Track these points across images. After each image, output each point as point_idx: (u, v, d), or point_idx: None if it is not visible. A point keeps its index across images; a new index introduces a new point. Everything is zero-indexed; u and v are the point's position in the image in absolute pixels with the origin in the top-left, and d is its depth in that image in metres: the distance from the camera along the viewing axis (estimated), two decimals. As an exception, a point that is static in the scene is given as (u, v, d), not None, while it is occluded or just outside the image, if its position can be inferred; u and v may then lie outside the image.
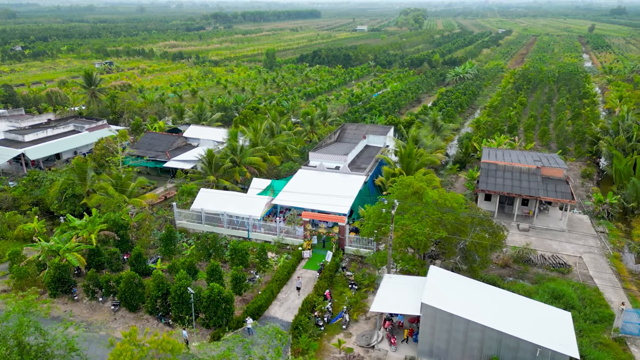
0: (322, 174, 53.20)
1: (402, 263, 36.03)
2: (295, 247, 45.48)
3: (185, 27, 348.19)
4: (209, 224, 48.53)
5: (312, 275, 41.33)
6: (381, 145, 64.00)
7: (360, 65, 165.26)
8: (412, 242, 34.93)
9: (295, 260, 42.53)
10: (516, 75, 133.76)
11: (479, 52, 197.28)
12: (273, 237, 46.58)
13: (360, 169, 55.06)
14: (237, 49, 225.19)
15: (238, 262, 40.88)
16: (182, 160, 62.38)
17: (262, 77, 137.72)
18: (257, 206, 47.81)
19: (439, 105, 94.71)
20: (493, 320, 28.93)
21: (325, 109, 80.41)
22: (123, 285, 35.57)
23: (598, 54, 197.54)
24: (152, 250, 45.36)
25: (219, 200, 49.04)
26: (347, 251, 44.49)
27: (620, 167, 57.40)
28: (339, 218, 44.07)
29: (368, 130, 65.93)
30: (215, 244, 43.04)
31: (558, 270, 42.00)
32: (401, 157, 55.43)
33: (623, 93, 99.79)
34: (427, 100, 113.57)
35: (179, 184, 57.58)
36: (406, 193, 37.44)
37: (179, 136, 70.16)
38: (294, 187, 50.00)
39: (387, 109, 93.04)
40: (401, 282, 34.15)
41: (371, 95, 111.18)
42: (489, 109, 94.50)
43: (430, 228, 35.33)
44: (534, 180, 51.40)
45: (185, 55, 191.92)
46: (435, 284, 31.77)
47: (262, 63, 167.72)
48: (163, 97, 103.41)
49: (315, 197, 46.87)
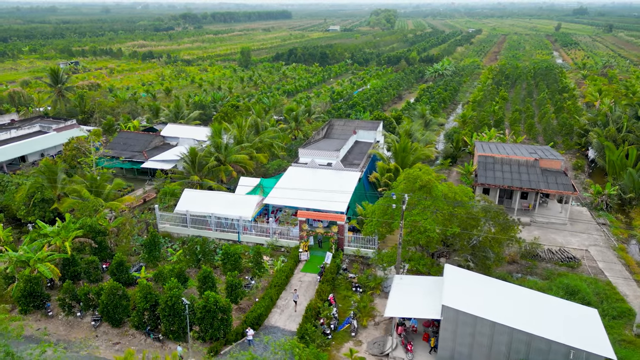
0: (314, 171, 50.30)
1: (412, 263, 33.49)
2: (290, 249, 42.44)
3: (153, 28, 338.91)
4: (195, 227, 44.93)
5: (311, 278, 38.36)
6: (371, 141, 61.56)
7: (337, 63, 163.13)
8: (423, 240, 32.45)
9: (293, 263, 39.47)
10: (494, 72, 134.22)
11: (453, 50, 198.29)
12: (266, 239, 43.37)
13: (353, 165, 52.42)
14: (210, 48, 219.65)
15: (231, 268, 37.56)
16: (162, 160, 58.35)
17: (238, 76, 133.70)
18: (247, 206, 44.49)
19: (422, 101, 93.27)
20: (520, 322, 26.66)
21: (309, 105, 77.51)
22: (105, 297, 31.76)
23: (568, 51, 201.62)
24: (134, 257, 41.45)
25: (205, 201, 45.50)
26: (346, 251, 41.73)
27: (614, 158, 56.69)
28: (338, 216, 41.26)
29: (357, 125, 63.40)
30: (205, 248, 39.54)
31: (567, 264, 40.36)
32: (395, 152, 53.11)
33: (601, 87, 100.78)
34: (407, 96, 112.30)
35: (159, 185, 53.62)
36: (413, 187, 34.93)
37: (156, 135, 65.95)
38: (286, 186, 46.91)
39: (370, 105, 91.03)
40: (414, 284, 31.59)
41: (352, 93, 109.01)
42: (472, 104, 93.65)
43: (441, 224, 32.95)
44: (533, 172, 49.89)
45: (156, 54, 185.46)
46: (453, 284, 29.33)
47: (237, 62, 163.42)
48: (136, 96, 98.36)
49: (310, 195, 43.96)
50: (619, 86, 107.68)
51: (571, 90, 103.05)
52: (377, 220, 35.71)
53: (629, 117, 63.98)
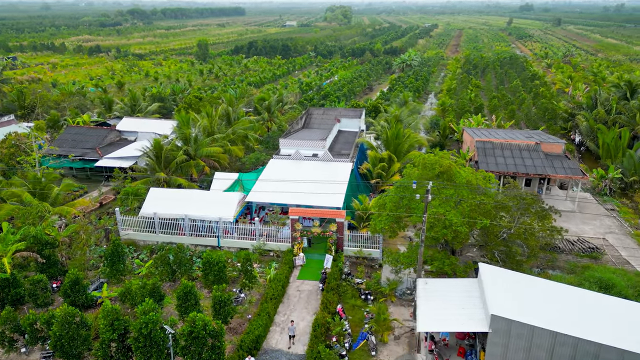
0: (300, 163, 44.48)
1: (435, 263, 28.41)
2: (280, 253, 36.48)
3: (99, 24, 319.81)
4: (166, 232, 38.10)
5: (311, 287, 32.59)
6: (356, 130, 56.35)
7: (300, 56, 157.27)
8: (450, 236, 27.43)
9: (287, 269, 33.54)
10: (461, 62, 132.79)
11: (415, 42, 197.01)
12: (251, 243, 37.18)
13: (341, 156, 46.95)
14: (162, 43, 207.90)
15: (214, 279, 31.19)
16: (119, 157, 50.68)
17: (196, 69, 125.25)
18: (227, 205, 38.09)
19: (397, 90, 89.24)
20: (586, 330, 22.06)
21: (281, 94, 71.37)
22: (57, 327, 24.72)
23: (524, 43, 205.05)
24: (93, 272, 34.19)
25: (176, 201, 38.70)
26: (346, 252, 36.23)
27: (608, 140, 54.20)
28: (337, 213, 35.66)
29: (339, 113, 57.99)
30: (180, 257, 32.88)
31: (590, 255, 36.65)
32: (386, 140, 48.10)
33: (571, 74, 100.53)
34: (377, 87, 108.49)
35: (118, 185, 46.10)
36: (430, 174, 29.87)
37: (111, 130, 57.87)
38: (269, 181, 40.81)
39: (343, 95, 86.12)
40: (443, 289, 26.50)
41: (321, 84, 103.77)
42: (447, 93, 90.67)
43: (467, 216, 28.07)
44: (536, 157, 46.25)
45: (104, 49, 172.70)
46: (496, 288, 24.42)
47: (194, 55, 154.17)
48: (83, 90, 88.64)
49: (300, 189, 38.15)
50: (586, 73, 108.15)
51: (542, 77, 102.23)
52: (388, 215, 30.39)
53: (618, 99, 62.12)
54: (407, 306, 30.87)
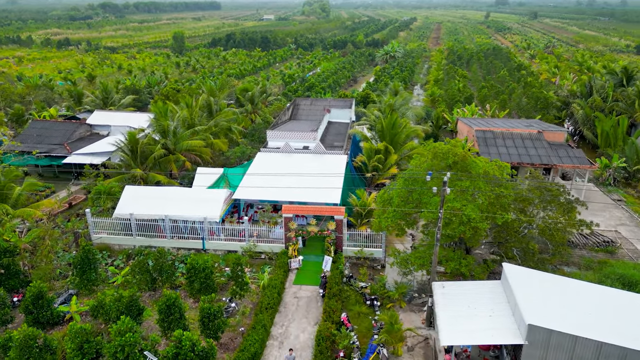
0: (290, 157, 40.99)
1: (451, 264, 25.39)
2: (272, 255, 33.02)
3: (69, 17, 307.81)
4: (144, 234, 34.17)
5: (310, 293, 29.24)
6: (347, 120, 53.08)
7: (280, 48, 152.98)
8: (468, 233, 24.42)
9: (282, 274, 30.08)
10: (444, 53, 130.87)
11: (396, 35, 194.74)
12: (240, 245, 33.58)
13: (334, 148, 43.63)
14: (136, 36, 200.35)
15: (200, 287, 27.59)
16: (90, 153, 46.25)
17: (172, 61, 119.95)
18: (212, 204, 34.36)
19: (384, 81, 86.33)
20: (633, 338, 19.33)
21: (264, 85, 67.54)
22: (15, 352, 20.85)
23: (504, 36, 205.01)
24: (60, 282, 30.10)
25: (154, 199, 34.78)
26: (345, 252, 32.99)
27: (607, 128, 52.30)
28: (335, 210, 32.33)
29: (329, 104, 54.60)
30: (161, 263, 29.08)
31: (605, 249, 34.29)
32: (382, 130, 44.94)
33: (557, 64, 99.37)
34: (362, 79, 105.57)
35: (89, 184, 41.79)
36: (442, 165, 26.80)
37: (80, 124, 53.19)
38: (258, 176, 37.20)
39: (328, 86, 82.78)
40: (463, 294, 23.48)
41: (305, 75, 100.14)
42: (435, 83, 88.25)
43: (485, 210, 25.14)
44: (540, 146, 43.81)
45: (74, 42, 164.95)
46: (526, 292, 21.52)
47: (170, 48, 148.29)
48: (51, 83, 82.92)
49: (292, 185, 34.73)
50: (571, 63, 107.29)
51: (528, 68, 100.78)
52: (395, 211, 27.21)
53: (614, 86, 60.40)
54: (418, 312, 27.85)
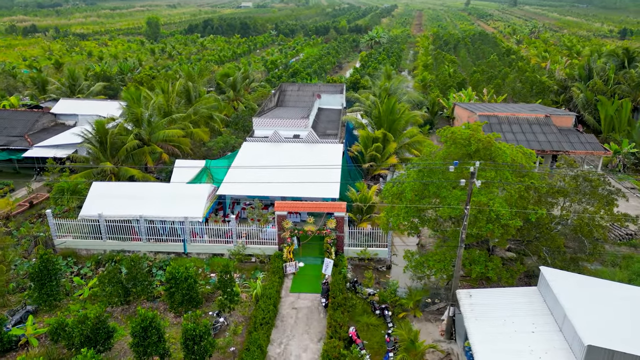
0: (280, 146, 36.90)
1: (477, 267, 21.89)
2: (264, 259, 29.10)
3: (36, 4, 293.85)
4: (115, 237, 29.82)
5: (310, 302, 25.46)
6: (338, 107, 49.15)
7: (260, 34, 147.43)
8: (497, 231, 20.90)
9: (277, 280, 26.19)
10: (430, 39, 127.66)
11: (378, 21, 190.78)
12: (227, 247, 29.55)
13: (327, 136, 39.71)
14: (108, 23, 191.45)
15: (182, 299, 23.54)
16: (54, 146, 41.35)
17: (146, 48, 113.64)
18: (194, 201, 30.15)
19: (371, 66, 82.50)
20: None
21: (247, 70, 62.94)
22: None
23: (486, 22, 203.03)
24: (16, 297, 25.61)
25: (127, 197, 30.38)
26: (346, 253, 29.28)
27: (611, 112, 49.65)
28: (335, 205, 28.51)
29: (319, 89, 50.52)
30: (136, 271, 24.86)
31: (628, 243, 31.41)
32: (378, 116, 41.17)
33: (547, 48, 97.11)
34: (347, 65, 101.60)
35: (53, 180, 37.00)
36: (461, 153, 23.18)
37: (43, 113, 47.95)
38: (245, 169, 33.09)
39: (314, 72, 78.58)
40: (495, 303, 20.02)
41: (288, 62, 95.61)
42: (424, 69, 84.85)
43: (514, 205, 21.68)
44: (549, 132, 40.70)
45: (41, 29, 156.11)
46: (574, 302, 18.16)
47: (144, 35, 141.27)
48: (14, 71, 76.56)
49: (284, 178, 30.79)
50: (559, 48, 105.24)
51: (517, 52, 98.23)
52: (407, 208, 23.52)
53: (615, 68, 57.83)
54: (434, 321, 24.38)
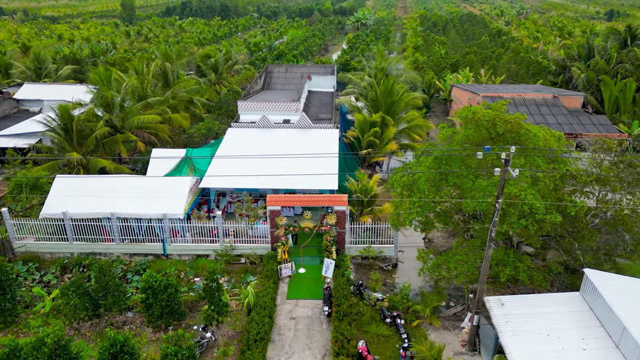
0: (269, 133, 33.29)
1: (506, 269, 18.88)
2: (255, 259, 25.73)
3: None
4: (83, 238, 26.09)
5: (310, 310, 22.23)
6: (330, 89, 45.62)
7: (242, 17, 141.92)
8: (532, 228, 17.88)
9: (272, 286, 22.87)
10: (417, 21, 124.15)
11: (363, 3, 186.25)
12: (213, 248, 26.08)
13: (321, 121, 36.22)
14: (80, 6, 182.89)
15: (162, 312, 20.10)
16: (16, 135, 37.02)
17: (121, 31, 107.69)
18: (174, 195, 26.50)
19: (360, 47, 78.85)
20: None
21: (229, 52, 58.71)
22: None
23: (471, 4, 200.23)
24: (-37, 314, 21.80)
25: (97, 193, 26.56)
26: (348, 252, 26.10)
27: (616, 93, 47.14)
28: (335, 198, 25.19)
29: (309, 69, 46.84)
30: (106, 279, 21.25)
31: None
32: (375, 99, 37.74)
33: (539, 28, 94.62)
34: (333, 48, 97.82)
35: (12, 174, 32.80)
36: (483, 137, 20.04)
37: (4, 98, 43.33)
38: (230, 158, 29.48)
39: (300, 54, 74.61)
40: (533, 314, 17.08)
41: (272, 44, 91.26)
42: (414, 50, 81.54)
43: (548, 196, 18.71)
44: (558, 113, 37.94)
45: (8, 12, 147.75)
46: (632, 311, 15.27)
47: (119, 17, 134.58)
48: (-25, 55, 70.66)
49: (275, 168, 27.34)
50: (549, 28, 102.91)
51: (508, 34, 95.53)
52: (421, 201, 20.33)
53: (618, 46, 55.24)
54: (452, 328, 21.44)
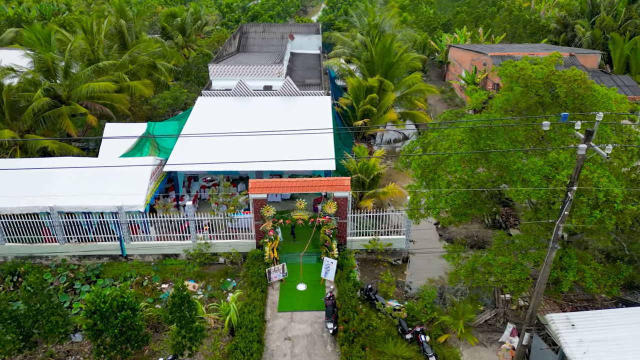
0: (248, 102, 27.83)
1: (570, 274, 14.45)
2: (236, 258, 20.78)
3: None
4: (16, 239, 20.67)
5: (309, 327, 17.58)
6: (316, 51, 40.01)
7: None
8: (610, 222, 13.40)
9: (259, 296, 18.04)
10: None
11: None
12: (183, 245, 21.02)
13: (307, 87, 30.86)
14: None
15: (115, 342, 15.10)
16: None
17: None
18: (132, 182, 21.09)
19: (343, 8, 72.59)
20: None
21: (198, 11, 51.91)
22: None
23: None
24: None
25: (34, 180, 20.95)
26: (350, 245, 21.43)
27: (627, 52, 43.01)
28: (336, 183, 20.23)
29: (291, 28, 40.96)
30: (39, 300, 16.01)
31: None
32: (371, 60, 32.51)
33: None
34: (312, 10, 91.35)
35: None
36: (532, 101, 15.31)
37: None
38: (201, 135, 24.08)
39: (277, 15, 68.09)
40: (616, 338, 12.77)
41: (246, 4, 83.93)
42: (400, 10, 75.75)
43: (624, 180, 14.23)
44: (577, 74, 33.37)
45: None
46: None
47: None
48: None
49: (257, 146, 22.19)
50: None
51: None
52: (457, 190, 15.60)
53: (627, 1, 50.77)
54: (488, 343, 17.21)
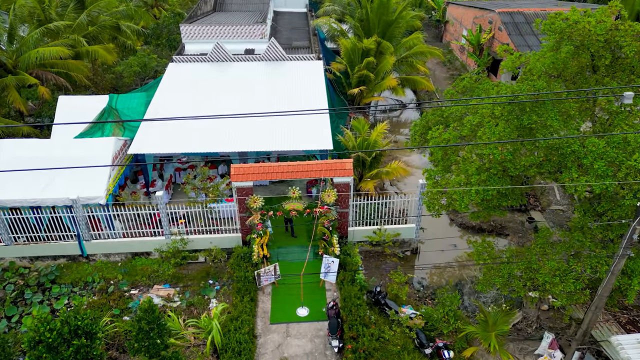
0: (227, 68, 23.99)
1: (635, 280, 11.66)
2: (219, 255, 17.62)
3: None
4: (-47, 242, 17.18)
5: (309, 342, 14.71)
6: (302, 9, 35.84)
7: None
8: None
9: (248, 305, 15.00)
10: None
11: None
12: (154, 242, 17.73)
13: (294, 50, 27.07)
14: None
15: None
16: None
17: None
18: (92, 170, 17.48)
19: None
20: None
21: (168, -33, 46.54)
22: None
23: None
24: None
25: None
26: (351, 237, 18.46)
27: (639, 7, 40.00)
28: (335, 166, 16.96)
29: (272, -17, 36.52)
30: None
31: None
32: (366, 18, 28.74)
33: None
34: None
35: None
36: (583, 62, 12.08)
37: None
38: (174, 108, 20.36)
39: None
40: None
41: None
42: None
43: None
44: (594, 33, 30.13)
45: None
46: None
47: None
48: None
49: (241, 121, 18.71)
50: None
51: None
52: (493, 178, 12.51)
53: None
54: (523, 356, 14.63)
